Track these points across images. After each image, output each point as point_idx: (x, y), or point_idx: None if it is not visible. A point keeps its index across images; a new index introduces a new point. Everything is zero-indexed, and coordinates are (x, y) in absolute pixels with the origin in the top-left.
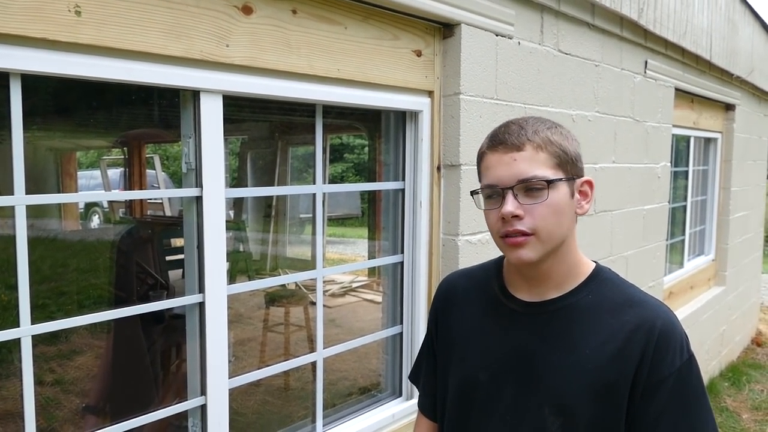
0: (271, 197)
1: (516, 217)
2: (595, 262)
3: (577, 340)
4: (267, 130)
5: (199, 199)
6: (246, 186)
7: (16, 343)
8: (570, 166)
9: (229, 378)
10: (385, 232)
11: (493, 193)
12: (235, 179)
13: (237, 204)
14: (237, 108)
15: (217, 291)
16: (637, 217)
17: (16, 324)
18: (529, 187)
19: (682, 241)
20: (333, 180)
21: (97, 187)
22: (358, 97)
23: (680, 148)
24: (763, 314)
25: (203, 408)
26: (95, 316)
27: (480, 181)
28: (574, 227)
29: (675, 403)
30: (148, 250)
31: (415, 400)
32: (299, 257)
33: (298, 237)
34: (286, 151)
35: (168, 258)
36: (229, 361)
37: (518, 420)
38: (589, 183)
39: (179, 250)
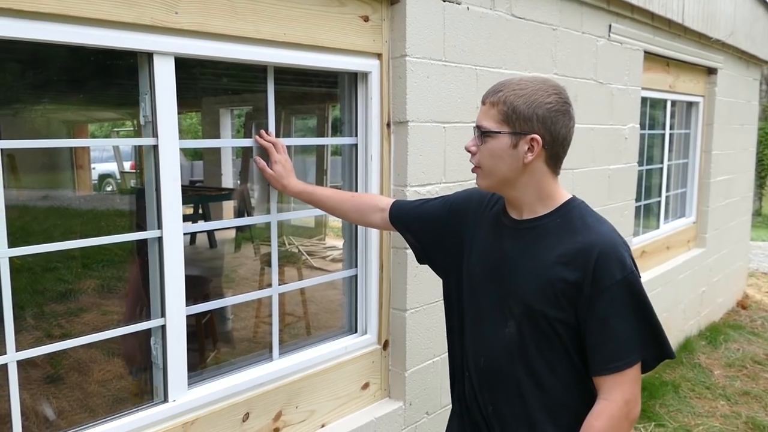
0: None
1: (469, 151)
2: (573, 195)
3: (540, 252)
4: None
5: (155, 148)
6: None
7: None
8: (519, 123)
9: (186, 306)
10: (343, 185)
11: None
12: (242, 150)
13: (242, 174)
14: (238, 79)
15: (173, 227)
16: (602, 176)
17: None
18: (479, 133)
19: (659, 202)
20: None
21: (109, 159)
22: (306, 59)
23: (656, 111)
24: (756, 279)
25: (163, 328)
26: (63, 244)
27: None
28: (530, 173)
29: (612, 309)
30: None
31: (367, 336)
32: (304, 225)
33: (303, 205)
34: (289, 122)
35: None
36: (228, 318)
37: (493, 305)
38: (536, 140)
39: (188, 217)
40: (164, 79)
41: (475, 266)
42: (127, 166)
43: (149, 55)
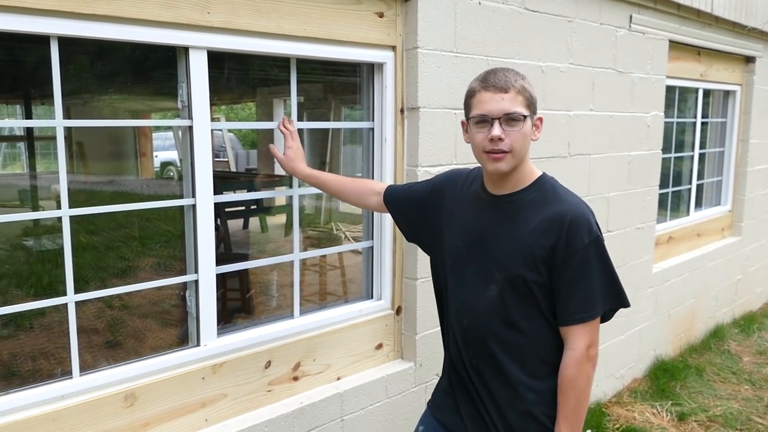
0: (325, 155)
1: (501, 139)
2: (543, 172)
3: (519, 223)
4: (321, 91)
5: (190, 128)
6: (303, 145)
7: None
8: (533, 107)
9: (216, 265)
10: (364, 164)
11: (483, 121)
12: None
13: None
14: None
15: (205, 197)
16: (621, 162)
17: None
18: (512, 119)
19: (689, 190)
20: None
21: (170, 148)
22: (324, 52)
23: (686, 100)
24: None
25: (196, 282)
26: (109, 207)
27: (469, 111)
28: (528, 148)
29: (581, 269)
30: None
31: (381, 301)
32: (352, 212)
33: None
34: (339, 110)
35: (228, 210)
36: (273, 296)
37: (476, 271)
38: (540, 119)
39: (241, 203)
40: (198, 69)
41: (458, 238)
42: None
43: (186, 49)
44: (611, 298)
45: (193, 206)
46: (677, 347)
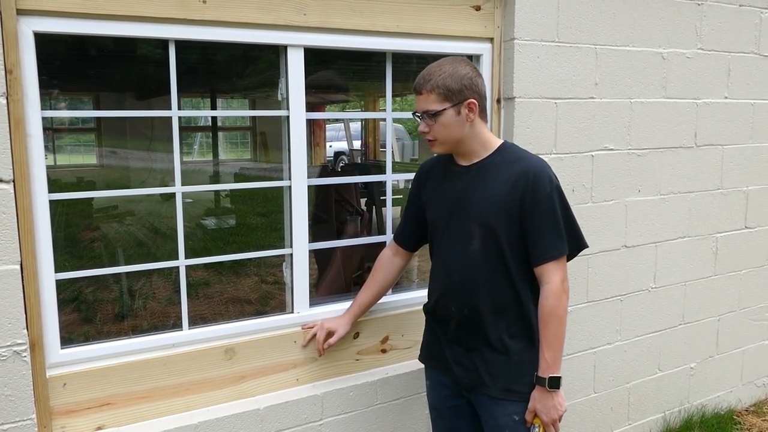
0: None
1: (424, 132)
2: (505, 140)
3: (489, 183)
4: None
5: (287, 118)
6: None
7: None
8: (454, 96)
9: (309, 242)
10: None
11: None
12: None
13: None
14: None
15: (300, 179)
16: (766, 153)
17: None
18: (428, 115)
19: None
20: None
21: (342, 138)
22: (418, 46)
23: None
24: None
25: (291, 256)
26: (185, 187)
27: None
28: (473, 128)
29: (548, 213)
30: (350, 186)
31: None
32: None
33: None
34: None
35: (383, 198)
36: (413, 281)
37: (458, 233)
38: (472, 103)
39: (401, 191)
40: (295, 65)
41: (440, 208)
42: (357, 144)
43: (285, 48)
44: (573, 239)
45: (290, 188)
46: None
